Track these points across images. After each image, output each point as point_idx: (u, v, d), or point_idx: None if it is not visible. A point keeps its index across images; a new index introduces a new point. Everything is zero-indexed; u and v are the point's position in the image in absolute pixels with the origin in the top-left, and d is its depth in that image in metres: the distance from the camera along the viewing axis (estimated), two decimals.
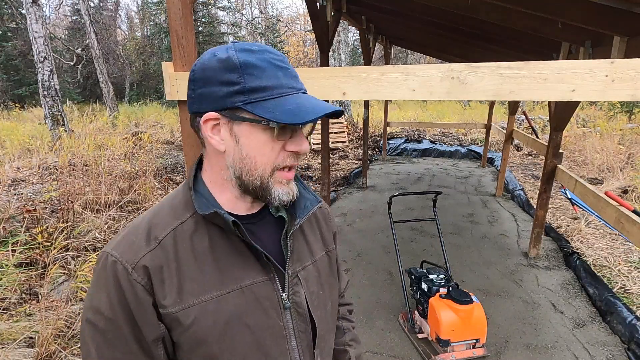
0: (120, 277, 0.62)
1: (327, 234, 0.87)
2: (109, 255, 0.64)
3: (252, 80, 0.61)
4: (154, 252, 0.64)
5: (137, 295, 0.62)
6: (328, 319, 0.80)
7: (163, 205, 0.71)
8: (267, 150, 0.64)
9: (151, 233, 0.66)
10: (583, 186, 2.98)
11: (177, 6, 1.63)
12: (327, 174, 4.27)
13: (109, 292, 0.63)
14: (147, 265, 0.63)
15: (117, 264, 0.63)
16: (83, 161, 5.78)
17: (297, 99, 0.63)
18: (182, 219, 0.68)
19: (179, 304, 0.63)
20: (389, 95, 1.50)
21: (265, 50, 0.64)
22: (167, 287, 0.64)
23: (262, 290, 0.69)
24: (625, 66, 1.25)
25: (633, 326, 2.58)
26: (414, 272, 2.78)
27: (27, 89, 17.12)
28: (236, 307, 0.67)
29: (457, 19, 3.39)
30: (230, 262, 0.68)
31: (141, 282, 0.62)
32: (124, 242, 0.65)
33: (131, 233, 0.67)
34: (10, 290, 2.84)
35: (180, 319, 0.63)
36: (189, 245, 0.66)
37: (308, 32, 24.56)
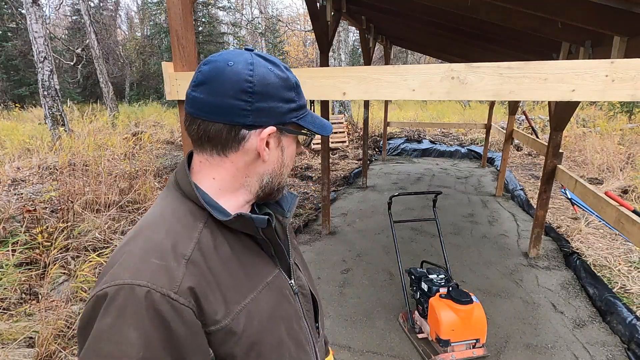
0: (162, 307, 0.54)
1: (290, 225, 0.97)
2: (133, 286, 0.54)
3: (300, 99, 0.71)
4: (189, 270, 0.59)
5: (187, 322, 0.56)
6: (317, 293, 0.90)
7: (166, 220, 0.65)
8: (294, 156, 0.76)
9: (177, 250, 0.60)
10: (583, 186, 2.98)
11: (177, 6, 1.63)
12: (327, 174, 4.27)
13: (146, 330, 0.53)
14: (192, 286, 0.57)
15: (152, 293, 0.54)
16: (83, 161, 5.78)
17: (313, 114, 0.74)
18: (198, 230, 0.64)
19: (229, 315, 0.62)
20: (389, 95, 1.50)
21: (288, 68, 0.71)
22: (214, 302, 0.60)
23: (280, 282, 0.74)
24: (625, 66, 1.25)
25: (633, 326, 2.58)
26: (414, 272, 2.78)
27: (27, 89, 17.13)
28: (268, 303, 0.70)
29: (457, 19, 3.38)
30: (251, 263, 0.70)
31: (190, 306, 0.56)
32: (146, 267, 0.57)
33: (149, 256, 0.58)
34: (10, 290, 2.84)
35: (234, 329, 0.62)
36: (215, 255, 0.64)
37: (308, 32, 24.57)
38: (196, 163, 0.71)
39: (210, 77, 0.64)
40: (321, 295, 3.18)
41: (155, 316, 0.54)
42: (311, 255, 3.90)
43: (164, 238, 0.61)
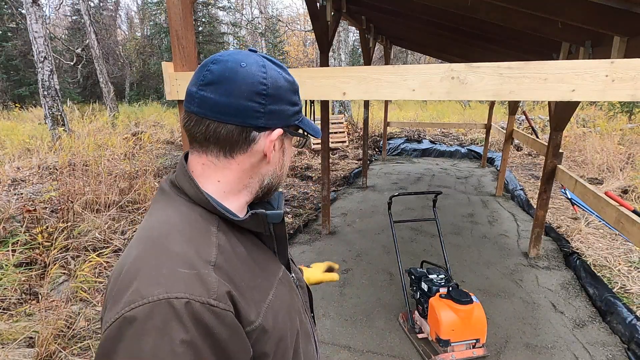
0: (203, 315, 0.53)
1: None
2: (170, 300, 0.52)
3: (300, 102, 0.74)
4: (218, 275, 0.58)
5: (229, 326, 0.56)
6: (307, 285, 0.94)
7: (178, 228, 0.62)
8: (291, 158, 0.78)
9: (200, 258, 0.58)
10: (583, 186, 2.98)
11: (177, 6, 1.63)
12: (327, 174, 4.27)
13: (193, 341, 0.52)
14: (229, 289, 0.57)
15: (191, 304, 0.52)
16: (83, 161, 5.78)
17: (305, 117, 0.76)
18: (214, 234, 0.63)
19: (260, 314, 0.63)
20: (389, 95, 1.50)
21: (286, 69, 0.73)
22: (245, 303, 0.60)
23: (287, 276, 0.77)
24: (625, 66, 1.25)
25: (633, 326, 2.58)
26: (414, 272, 2.78)
27: (27, 89, 17.13)
28: (284, 298, 0.72)
29: (457, 19, 3.38)
30: (263, 261, 0.72)
31: (230, 310, 0.56)
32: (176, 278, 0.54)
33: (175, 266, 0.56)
34: (10, 290, 2.84)
35: (266, 327, 0.63)
36: (235, 257, 0.64)
37: (308, 32, 24.56)
38: (197, 166, 0.68)
39: (223, 77, 0.62)
40: (321, 296, 3.18)
41: (200, 326, 0.52)
42: (311, 255, 3.90)
43: (184, 246, 0.59)
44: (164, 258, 0.57)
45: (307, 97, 1.61)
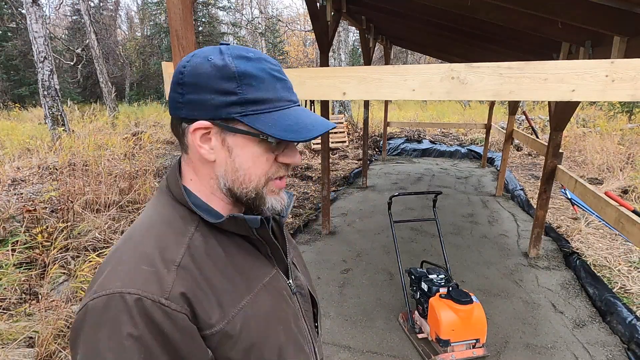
0: (153, 313, 0.53)
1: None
2: (123, 294, 0.53)
3: (250, 92, 0.60)
4: (180, 276, 0.58)
5: (180, 326, 0.55)
6: (316, 292, 0.88)
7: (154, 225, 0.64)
8: (262, 162, 0.64)
9: (165, 257, 0.59)
10: (583, 186, 2.98)
11: (177, 6, 1.63)
12: (327, 174, 4.27)
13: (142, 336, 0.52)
14: (184, 291, 0.57)
15: (142, 300, 0.53)
16: (83, 161, 5.78)
17: (295, 113, 0.63)
18: (189, 235, 0.63)
19: (224, 318, 0.61)
20: (389, 95, 1.50)
21: (262, 58, 0.63)
22: (208, 305, 0.60)
23: (277, 282, 0.73)
24: (625, 66, 1.25)
25: (633, 326, 2.58)
26: (414, 272, 2.78)
27: (27, 89, 17.14)
28: (266, 304, 0.68)
29: (457, 19, 3.38)
30: (246, 265, 0.68)
31: (182, 311, 0.56)
32: (136, 275, 0.56)
33: (139, 263, 0.58)
34: (10, 290, 2.84)
35: (230, 332, 0.61)
36: (208, 259, 0.63)
37: (308, 32, 24.56)
38: (182, 164, 0.70)
39: None
40: (321, 296, 3.18)
41: (150, 323, 0.53)
42: (311, 255, 3.90)
43: (153, 244, 0.60)
44: (132, 254, 0.59)
45: (307, 97, 1.61)
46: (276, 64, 0.65)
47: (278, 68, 0.65)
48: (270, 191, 0.67)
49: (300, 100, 2.12)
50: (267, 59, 0.64)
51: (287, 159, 0.66)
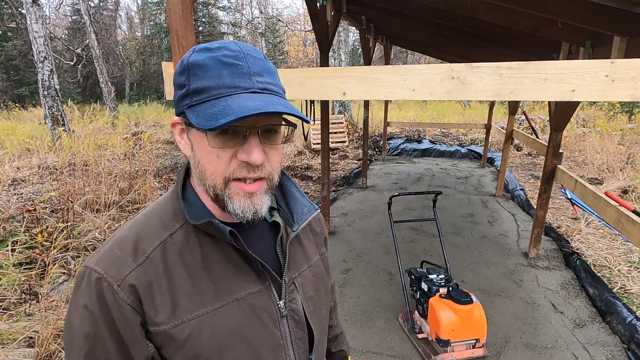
0: (106, 295, 0.58)
1: (319, 238, 0.86)
2: (92, 270, 0.59)
3: (195, 82, 0.58)
4: (142, 268, 0.60)
5: (124, 315, 0.58)
6: (323, 323, 0.79)
7: (150, 214, 0.66)
8: (213, 158, 0.59)
9: (138, 246, 0.61)
10: (583, 186, 2.98)
11: (177, 6, 1.63)
12: (327, 174, 4.27)
13: (94, 311, 0.58)
14: (134, 283, 0.59)
15: (101, 280, 0.58)
16: (83, 161, 5.78)
17: (232, 99, 0.56)
18: (171, 230, 0.64)
19: (172, 321, 0.60)
20: (389, 95, 1.50)
21: (223, 47, 0.59)
22: (159, 304, 0.60)
23: (258, 301, 0.67)
24: (625, 66, 1.25)
25: (633, 326, 2.58)
26: (414, 272, 2.78)
27: (27, 89, 17.14)
28: (232, 320, 0.64)
29: (457, 19, 3.38)
30: (225, 274, 0.65)
31: (128, 302, 0.58)
32: (108, 256, 0.61)
33: (116, 246, 0.62)
34: (10, 290, 2.84)
35: (175, 336, 0.60)
36: (180, 259, 0.63)
37: (308, 32, 24.56)
38: None
39: None
40: None
41: (102, 301, 0.58)
42: None
43: (135, 232, 0.63)
44: (117, 237, 0.64)
45: (307, 97, 1.61)
46: (238, 50, 0.59)
47: (235, 54, 0.58)
48: (235, 194, 0.61)
49: (301, 100, 2.11)
50: (228, 47, 0.59)
51: (244, 155, 0.58)
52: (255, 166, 0.59)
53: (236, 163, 0.59)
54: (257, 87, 0.58)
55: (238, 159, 0.59)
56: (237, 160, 0.59)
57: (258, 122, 0.58)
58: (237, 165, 0.59)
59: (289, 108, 0.57)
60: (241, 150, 0.58)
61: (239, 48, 0.59)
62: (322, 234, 0.88)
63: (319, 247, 0.85)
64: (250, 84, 0.58)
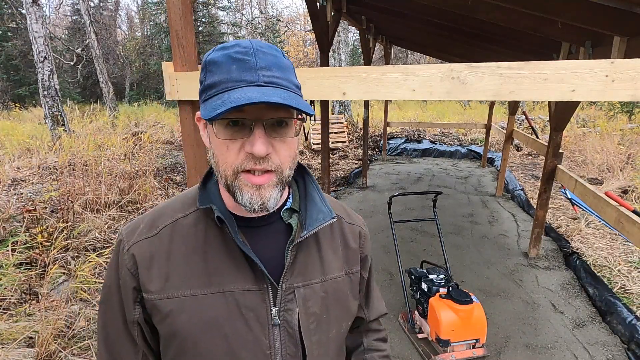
0: (120, 255, 0.69)
1: (354, 254, 0.79)
2: (120, 233, 0.71)
3: (209, 77, 0.62)
4: (150, 240, 0.68)
5: (123, 275, 0.68)
6: (329, 347, 0.72)
7: (178, 198, 0.75)
8: (223, 150, 0.61)
9: (155, 221, 0.70)
10: (583, 186, 2.97)
11: (177, 6, 1.63)
12: (327, 174, 4.27)
13: (112, 267, 0.70)
14: (138, 252, 0.67)
15: (121, 242, 0.69)
16: (83, 161, 5.78)
17: (235, 92, 0.57)
18: (185, 213, 0.70)
19: (160, 293, 0.66)
20: (389, 95, 1.50)
21: (238, 44, 0.61)
22: (154, 274, 0.66)
23: (247, 300, 0.65)
24: (625, 66, 1.24)
25: (633, 326, 2.58)
26: (414, 272, 2.77)
27: (27, 89, 17.13)
28: (214, 311, 0.64)
29: (457, 19, 3.38)
30: (220, 264, 0.66)
31: (127, 265, 0.67)
32: (133, 225, 0.71)
33: (143, 218, 0.72)
34: (10, 290, 2.84)
35: (159, 307, 0.66)
36: (183, 239, 0.68)
37: (308, 32, 24.56)
38: None
39: None
40: None
41: (116, 260, 0.69)
42: None
43: (159, 210, 0.72)
44: (149, 212, 0.73)
45: (307, 97, 1.61)
46: (249, 46, 0.60)
47: (246, 50, 0.60)
48: (244, 185, 0.62)
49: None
50: (241, 44, 0.61)
51: (248, 147, 0.59)
52: (261, 158, 0.60)
53: (244, 155, 0.61)
54: (261, 81, 0.59)
55: (245, 150, 0.60)
56: (244, 152, 0.61)
57: (264, 114, 0.59)
58: (245, 157, 0.61)
59: (287, 100, 0.56)
60: (247, 142, 0.60)
61: (250, 45, 0.61)
62: (360, 250, 0.80)
63: (350, 264, 0.78)
64: (256, 78, 0.59)
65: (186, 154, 1.81)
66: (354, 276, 0.78)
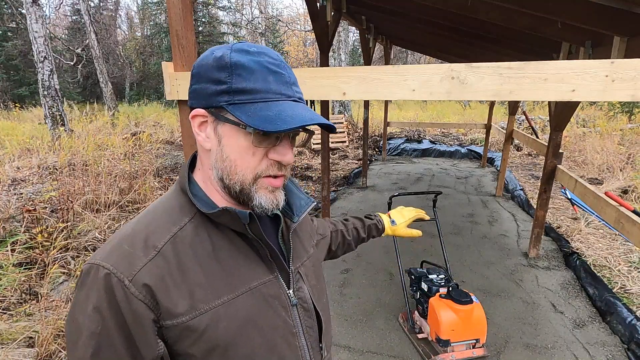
0: (116, 290, 0.57)
1: (311, 228, 0.92)
2: (99, 266, 0.58)
3: (239, 82, 0.61)
4: (154, 262, 0.60)
5: (135, 311, 0.58)
6: (326, 310, 0.83)
7: (156, 211, 0.68)
8: (248, 155, 0.62)
9: (148, 241, 0.62)
10: (583, 186, 2.97)
11: (177, 6, 1.62)
12: (327, 174, 4.27)
13: (101, 308, 0.57)
14: (147, 278, 0.59)
15: (110, 276, 0.57)
16: (83, 161, 5.78)
17: (282, 105, 0.61)
18: (180, 225, 0.65)
19: (191, 312, 0.61)
20: (389, 95, 1.50)
21: (263, 52, 0.63)
22: (175, 296, 0.60)
23: (269, 290, 0.69)
24: (625, 66, 1.24)
25: (633, 326, 2.58)
26: (414, 272, 2.77)
27: (27, 89, 17.14)
28: (247, 310, 0.66)
29: (457, 19, 3.38)
30: (236, 264, 0.67)
31: (140, 297, 0.58)
32: (116, 251, 0.60)
33: (124, 242, 0.62)
34: (10, 290, 2.84)
35: (193, 326, 0.61)
36: (191, 251, 0.64)
37: (308, 32, 24.56)
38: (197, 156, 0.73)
39: None
40: None
41: (111, 298, 0.57)
42: None
43: (143, 228, 0.64)
44: (123, 233, 0.64)
45: (307, 97, 1.61)
46: (277, 58, 0.64)
47: (278, 62, 0.63)
48: (262, 188, 0.65)
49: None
50: (268, 53, 0.64)
51: (277, 155, 0.63)
52: (283, 166, 0.65)
53: (267, 162, 0.64)
54: (296, 97, 0.65)
55: (269, 157, 0.63)
56: (267, 159, 0.64)
57: None
58: (269, 164, 0.64)
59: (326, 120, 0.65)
60: (273, 150, 0.63)
61: (279, 57, 0.65)
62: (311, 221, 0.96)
63: (312, 235, 0.90)
64: (292, 93, 0.64)
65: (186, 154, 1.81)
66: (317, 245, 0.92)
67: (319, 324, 0.77)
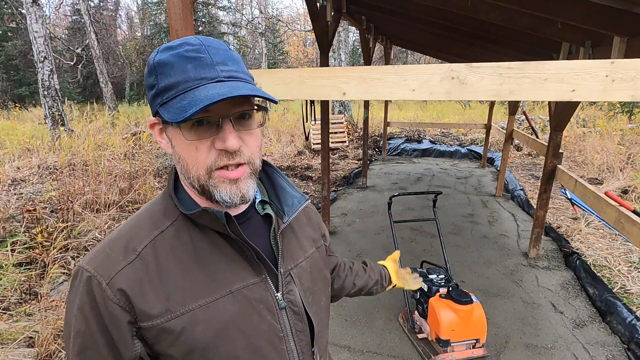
0: (95, 293, 0.60)
1: (314, 231, 0.87)
2: (83, 270, 0.61)
3: (163, 80, 0.60)
4: (132, 266, 0.61)
5: (111, 312, 0.60)
6: (323, 314, 0.80)
7: (141, 214, 0.68)
8: (192, 151, 0.61)
9: (129, 245, 0.63)
10: (583, 186, 2.97)
11: (177, 6, 1.62)
12: (327, 174, 4.27)
13: (85, 309, 0.60)
14: (123, 282, 0.60)
15: (91, 279, 0.60)
16: (83, 161, 5.78)
17: (200, 91, 0.57)
18: (162, 228, 0.65)
19: (165, 315, 0.61)
20: (389, 95, 1.50)
21: (185, 42, 0.61)
22: (151, 299, 0.61)
23: (254, 293, 0.67)
24: (625, 66, 1.24)
25: (633, 326, 2.58)
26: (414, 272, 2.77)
27: (27, 89, 17.15)
28: (228, 313, 0.64)
29: (457, 19, 3.38)
30: (218, 267, 0.66)
31: (114, 300, 0.59)
32: (99, 255, 0.63)
33: (107, 246, 0.64)
34: (10, 290, 2.84)
35: (168, 329, 0.61)
36: (172, 254, 0.64)
37: (308, 32, 24.56)
38: None
39: None
40: None
41: (91, 299, 0.60)
42: None
43: (126, 233, 0.65)
44: (111, 237, 0.66)
45: (307, 97, 1.61)
46: (199, 43, 0.60)
47: (197, 47, 0.60)
48: (220, 182, 0.62)
49: (301, 100, 2.11)
50: (189, 41, 0.61)
51: (220, 143, 0.60)
52: (234, 152, 0.61)
53: (215, 152, 0.61)
54: (222, 76, 0.60)
55: (216, 147, 0.60)
56: (215, 150, 0.61)
57: (230, 110, 0.60)
58: (217, 155, 0.61)
59: (255, 90, 0.59)
60: (217, 139, 0.60)
61: (199, 41, 0.61)
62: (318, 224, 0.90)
63: (315, 239, 0.85)
64: (215, 74, 0.59)
65: None
66: (321, 248, 0.86)
67: (311, 328, 0.75)
